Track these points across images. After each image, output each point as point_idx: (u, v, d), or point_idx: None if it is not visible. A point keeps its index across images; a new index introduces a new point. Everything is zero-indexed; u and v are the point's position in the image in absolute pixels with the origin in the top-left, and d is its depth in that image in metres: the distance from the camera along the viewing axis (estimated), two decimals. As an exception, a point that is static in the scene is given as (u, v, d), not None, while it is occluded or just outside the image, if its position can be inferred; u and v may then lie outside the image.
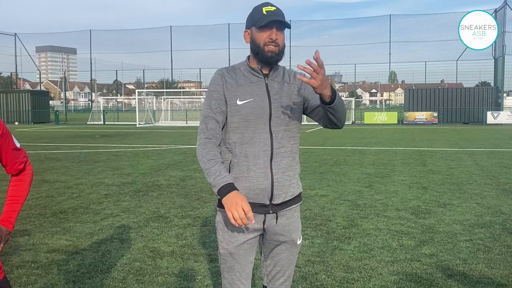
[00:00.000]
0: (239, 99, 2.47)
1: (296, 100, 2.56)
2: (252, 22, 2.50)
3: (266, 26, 2.44)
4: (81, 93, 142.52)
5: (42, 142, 21.52)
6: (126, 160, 14.06)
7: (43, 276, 4.63)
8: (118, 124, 41.98)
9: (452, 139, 22.05)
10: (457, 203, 7.83)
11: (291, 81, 2.58)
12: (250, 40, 2.52)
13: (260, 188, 2.46)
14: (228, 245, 2.51)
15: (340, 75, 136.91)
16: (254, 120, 2.47)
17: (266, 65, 2.51)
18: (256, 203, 2.48)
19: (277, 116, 2.50)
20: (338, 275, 4.62)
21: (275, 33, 2.45)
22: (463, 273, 4.67)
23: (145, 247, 5.51)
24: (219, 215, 2.56)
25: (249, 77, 2.52)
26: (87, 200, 8.24)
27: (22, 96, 44.42)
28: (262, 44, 2.46)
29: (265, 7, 2.48)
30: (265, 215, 2.51)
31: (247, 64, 2.56)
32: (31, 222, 6.67)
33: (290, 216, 2.59)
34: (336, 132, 28.03)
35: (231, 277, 2.54)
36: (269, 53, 2.45)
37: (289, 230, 2.59)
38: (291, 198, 2.57)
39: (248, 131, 2.47)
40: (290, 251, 2.62)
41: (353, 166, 12.51)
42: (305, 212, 7.17)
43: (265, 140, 2.47)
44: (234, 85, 2.49)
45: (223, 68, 2.58)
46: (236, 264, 2.52)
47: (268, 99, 2.49)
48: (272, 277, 2.64)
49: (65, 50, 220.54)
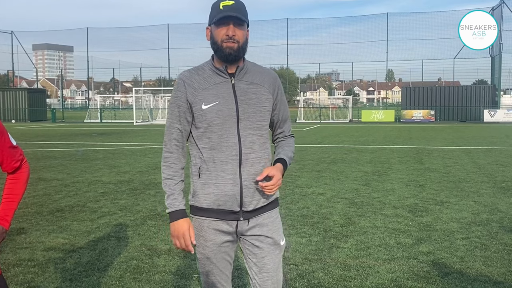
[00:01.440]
0: (204, 103, 2.37)
1: (265, 104, 2.45)
2: (210, 19, 2.40)
3: (222, 22, 2.33)
4: (78, 91, 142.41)
5: (39, 140, 21.47)
6: (123, 158, 14.04)
7: (40, 275, 4.62)
8: (115, 122, 41.92)
9: (449, 137, 22.08)
10: (454, 201, 7.84)
11: (261, 82, 2.46)
12: (210, 38, 2.42)
13: (229, 195, 2.38)
14: (204, 249, 2.46)
15: (338, 73, 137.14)
16: (220, 124, 2.36)
17: (226, 63, 2.39)
18: (226, 209, 2.41)
19: (245, 118, 2.39)
20: (335, 273, 4.62)
21: (232, 29, 2.33)
22: (460, 271, 4.67)
23: (142, 245, 5.50)
24: (192, 220, 2.50)
25: (214, 78, 2.40)
26: (84, 198, 8.22)
27: (19, 94, 44.31)
28: (219, 41, 2.35)
29: (223, 1, 2.35)
30: (237, 222, 2.44)
31: (212, 63, 2.44)
32: (28, 220, 6.65)
33: (267, 217, 2.49)
34: (333, 130, 28.05)
35: (211, 280, 2.49)
36: (227, 49, 2.34)
37: (268, 230, 2.48)
38: (264, 205, 2.47)
39: (215, 136, 2.37)
40: (274, 253, 2.49)
41: (350, 164, 12.52)
42: (302, 210, 7.17)
43: (233, 144, 2.37)
44: (198, 89, 2.39)
45: (186, 71, 2.46)
46: (214, 268, 2.48)
47: (234, 100, 2.38)
48: (260, 285, 2.49)
49: (62, 48, 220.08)
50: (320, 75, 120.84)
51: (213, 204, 2.40)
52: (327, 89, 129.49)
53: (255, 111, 2.40)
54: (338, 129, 30.16)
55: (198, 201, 2.44)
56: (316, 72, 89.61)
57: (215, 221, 2.43)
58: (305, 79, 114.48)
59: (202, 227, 2.45)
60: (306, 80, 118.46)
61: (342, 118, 43.72)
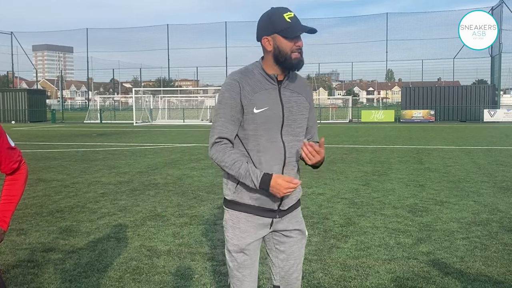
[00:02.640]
0: (255, 107, 2.46)
1: (303, 112, 2.60)
2: (275, 29, 2.44)
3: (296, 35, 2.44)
4: (78, 92, 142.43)
5: (38, 141, 21.47)
6: (123, 159, 14.04)
7: (40, 275, 4.61)
8: (115, 123, 41.91)
9: (449, 137, 22.08)
10: (454, 201, 7.84)
11: (300, 91, 2.61)
12: (273, 48, 2.46)
13: (272, 195, 2.49)
14: (239, 241, 2.54)
15: (337, 73, 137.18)
16: (267, 129, 2.48)
17: (291, 71, 2.53)
18: (265, 207, 2.54)
19: (288, 125, 2.53)
20: (335, 273, 4.62)
21: (301, 40, 2.48)
22: (460, 271, 4.67)
23: (141, 246, 5.50)
24: (227, 213, 2.60)
25: (264, 84, 2.50)
26: (84, 199, 8.21)
27: (18, 95, 44.30)
28: (289, 52, 2.45)
29: (285, 13, 2.45)
30: (272, 219, 2.58)
31: (262, 68, 2.52)
32: (28, 221, 6.65)
33: (295, 212, 2.69)
34: (333, 130, 28.05)
35: (241, 274, 2.56)
36: (296, 60, 2.46)
37: (296, 222, 2.66)
38: (295, 203, 2.67)
39: (263, 139, 2.48)
40: (301, 242, 2.69)
41: (350, 164, 12.52)
42: (302, 211, 7.14)
43: (279, 149, 2.51)
44: (251, 92, 2.46)
45: (237, 72, 2.52)
46: (247, 260, 2.56)
47: (281, 107, 2.50)
48: (285, 272, 2.65)
49: (61, 49, 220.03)
50: (320, 75, 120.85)
51: (255, 202, 2.53)
52: (327, 89, 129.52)
53: (295, 118, 2.56)
54: (338, 129, 30.16)
55: (240, 197, 2.54)
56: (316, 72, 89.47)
57: (253, 216, 2.55)
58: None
59: (239, 220, 2.56)
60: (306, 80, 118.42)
61: (342, 118, 43.73)
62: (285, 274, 2.65)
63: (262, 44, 2.50)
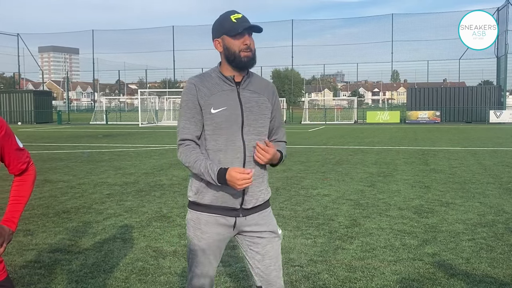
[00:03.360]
0: (213, 108, 2.56)
1: (265, 112, 2.67)
2: (222, 31, 2.59)
3: (240, 33, 2.54)
4: (84, 93, 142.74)
5: (45, 142, 21.56)
6: (128, 160, 14.08)
7: (46, 276, 4.64)
8: (120, 124, 42.03)
9: (455, 138, 22.01)
10: (460, 202, 7.82)
11: (262, 92, 2.68)
12: (222, 48, 2.60)
13: (232, 193, 2.58)
14: (200, 241, 2.63)
15: (342, 74, 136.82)
16: (226, 128, 2.56)
17: (242, 70, 2.62)
18: (227, 207, 2.60)
19: (249, 124, 2.60)
20: (340, 274, 4.62)
21: (248, 38, 2.57)
22: (466, 272, 4.66)
23: (147, 247, 5.52)
24: (189, 214, 2.69)
25: (222, 85, 2.60)
26: (90, 200, 8.25)
27: (25, 96, 44.51)
28: (237, 51, 2.55)
29: (232, 15, 2.59)
30: (235, 218, 2.64)
31: (219, 71, 2.64)
32: (34, 222, 6.69)
33: (263, 215, 2.71)
34: (338, 131, 28.03)
35: (200, 270, 2.65)
36: (245, 58, 2.56)
37: (264, 223, 2.70)
38: (261, 204, 2.70)
39: (222, 139, 2.56)
40: (274, 242, 2.71)
41: (355, 165, 12.51)
42: (307, 212, 7.17)
43: (238, 148, 2.57)
44: (208, 94, 2.57)
45: (195, 76, 2.65)
46: (206, 260, 2.65)
47: (240, 107, 2.58)
48: (263, 272, 2.68)
49: (67, 50, 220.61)
50: (325, 76, 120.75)
51: (216, 201, 2.60)
52: (332, 90, 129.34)
53: (257, 118, 2.63)
54: (343, 130, 30.13)
55: (201, 198, 2.62)
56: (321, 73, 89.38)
57: (215, 216, 2.61)
58: (310, 80, 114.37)
59: (200, 220, 2.64)
60: (311, 81, 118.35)
61: (347, 119, 43.68)
62: (264, 274, 2.69)
63: (215, 47, 2.64)
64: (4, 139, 2.21)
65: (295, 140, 22.05)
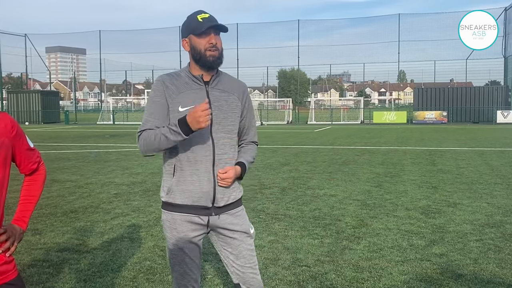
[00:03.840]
0: (181, 106, 2.57)
1: (235, 110, 2.69)
2: (189, 30, 2.61)
3: (205, 32, 2.56)
4: (91, 93, 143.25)
5: (52, 142, 21.66)
6: (135, 160, 14.12)
7: (55, 275, 4.67)
8: (127, 124, 42.16)
9: (462, 138, 21.93)
10: (467, 202, 7.79)
11: (231, 91, 2.70)
12: (189, 48, 2.63)
13: (203, 192, 2.60)
14: (178, 241, 2.66)
15: (349, 74, 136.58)
16: None
17: (208, 69, 2.63)
18: (199, 205, 2.62)
19: (218, 122, 2.61)
20: (348, 274, 4.62)
21: (214, 37, 2.58)
22: (474, 273, 4.65)
23: (155, 246, 5.54)
24: (164, 215, 2.72)
25: (190, 84, 2.62)
26: (98, 199, 8.29)
27: (32, 96, 44.72)
28: (203, 50, 2.58)
29: (199, 15, 2.61)
30: (208, 217, 2.66)
31: (188, 71, 2.66)
32: (42, 222, 6.72)
33: (236, 213, 2.73)
34: (345, 131, 27.98)
35: (183, 269, 2.67)
36: (211, 57, 2.58)
37: (237, 223, 2.71)
38: (233, 202, 2.71)
39: (190, 137, 2.53)
40: (246, 241, 2.73)
41: (362, 165, 12.49)
42: (314, 212, 7.17)
43: (207, 146, 2.59)
44: (176, 92, 2.59)
45: (164, 75, 2.67)
46: (186, 257, 2.67)
47: (209, 106, 2.56)
48: (239, 271, 2.71)
49: (74, 51, 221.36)
50: (331, 76, 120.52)
51: (187, 201, 2.62)
52: (338, 90, 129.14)
53: (226, 116, 2.64)
54: (349, 130, 30.08)
55: (173, 198, 2.64)
56: (327, 73, 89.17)
57: (188, 215, 2.63)
58: (316, 80, 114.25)
59: (175, 221, 2.66)
60: (317, 81, 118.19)
61: (354, 119, 43.59)
62: (240, 273, 2.72)
63: (183, 46, 2.67)
64: (15, 139, 2.23)
65: (301, 140, 22.03)
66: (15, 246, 2.23)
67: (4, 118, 2.20)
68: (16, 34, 58.45)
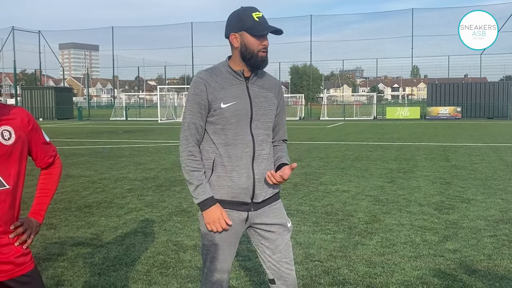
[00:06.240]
0: (223, 102, 2.55)
1: (272, 107, 2.69)
2: (243, 27, 2.55)
3: (264, 35, 2.55)
4: (104, 90, 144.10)
5: (66, 138, 21.84)
6: (148, 156, 14.20)
7: (69, 269, 4.72)
8: (140, 120, 42.37)
9: (476, 134, 21.75)
10: (481, 198, 7.74)
11: (269, 88, 2.70)
12: (239, 44, 2.57)
13: (242, 188, 2.60)
14: (213, 237, 2.63)
15: (362, 69, 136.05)
16: (236, 123, 2.57)
17: (256, 69, 2.62)
18: (238, 201, 2.62)
19: (257, 119, 2.62)
20: (360, 269, 4.62)
21: (267, 41, 2.59)
22: (488, 268, 4.62)
23: (168, 241, 5.58)
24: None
25: (231, 80, 2.60)
26: (111, 194, 8.35)
27: (46, 93, 45.07)
28: (256, 51, 2.55)
29: (254, 12, 2.56)
30: (247, 212, 2.65)
31: (228, 65, 2.62)
32: (57, 216, 6.80)
33: (274, 207, 2.73)
34: (358, 127, 27.87)
35: (215, 266, 2.66)
36: (262, 58, 2.57)
37: (274, 216, 2.71)
38: (271, 196, 2.71)
39: (231, 133, 2.57)
40: (284, 235, 2.73)
41: (375, 161, 12.44)
42: (326, 207, 7.16)
43: (247, 142, 2.59)
44: (217, 88, 2.56)
45: (203, 71, 2.63)
46: (221, 254, 2.65)
47: (249, 102, 2.59)
48: (275, 266, 2.70)
49: (87, 47, 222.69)
50: (344, 72, 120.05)
51: (226, 196, 2.61)
52: (351, 86, 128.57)
53: (265, 112, 2.65)
54: (362, 126, 29.96)
55: (213, 193, 2.61)
56: (340, 69, 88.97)
57: (227, 211, 2.61)
58: (328, 76, 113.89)
59: None
60: (330, 77, 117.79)
61: (366, 115, 43.38)
62: (275, 267, 2.70)
63: (229, 41, 2.61)
64: (31, 133, 2.26)
65: (314, 136, 22.00)
66: (31, 239, 2.26)
67: (20, 113, 2.23)
68: (30, 31, 59.05)
